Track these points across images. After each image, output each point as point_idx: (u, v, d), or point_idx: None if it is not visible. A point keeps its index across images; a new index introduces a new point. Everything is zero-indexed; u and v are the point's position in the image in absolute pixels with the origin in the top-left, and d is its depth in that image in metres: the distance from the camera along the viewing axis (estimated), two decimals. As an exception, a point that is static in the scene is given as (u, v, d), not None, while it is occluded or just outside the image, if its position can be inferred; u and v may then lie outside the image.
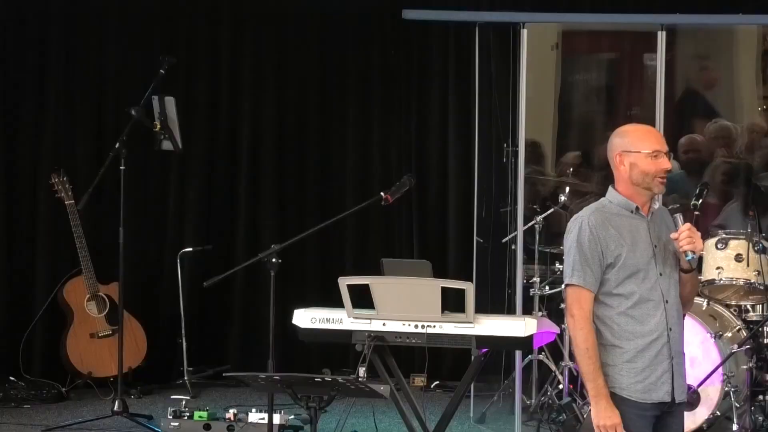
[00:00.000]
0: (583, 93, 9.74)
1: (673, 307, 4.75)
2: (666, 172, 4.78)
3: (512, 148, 8.47)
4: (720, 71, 9.46)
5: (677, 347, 4.76)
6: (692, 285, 4.85)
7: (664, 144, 4.81)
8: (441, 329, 5.91)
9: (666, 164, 4.78)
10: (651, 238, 4.74)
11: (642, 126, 4.94)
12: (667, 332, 4.71)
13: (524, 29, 7.48)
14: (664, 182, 4.78)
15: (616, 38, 9.53)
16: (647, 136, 4.81)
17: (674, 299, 4.77)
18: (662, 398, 4.70)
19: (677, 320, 4.76)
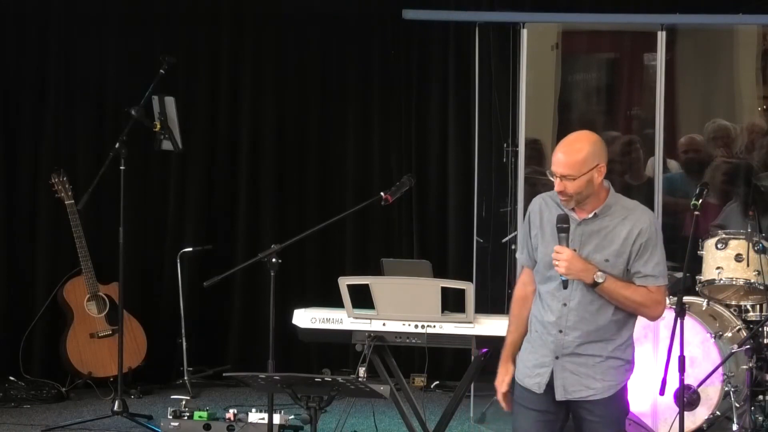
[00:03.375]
0: (583, 93, 9.74)
1: (572, 312, 4.84)
2: (559, 194, 4.84)
3: (512, 148, 8.47)
4: (720, 71, 9.46)
5: (567, 349, 4.85)
6: (615, 297, 4.82)
7: (558, 166, 4.82)
8: (441, 329, 5.92)
9: (556, 187, 4.84)
10: (573, 242, 4.83)
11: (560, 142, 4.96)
12: (556, 333, 4.84)
13: (524, 29, 7.49)
14: (563, 201, 4.86)
15: (616, 38, 9.53)
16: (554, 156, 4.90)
17: (582, 306, 4.84)
18: (531, 387, 4.92)
19: (574, 325, 4.84)
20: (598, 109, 9.72)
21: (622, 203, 4.94)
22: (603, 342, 4.87)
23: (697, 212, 6.65)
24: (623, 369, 4.94)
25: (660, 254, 4.85)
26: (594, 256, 4.82)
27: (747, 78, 9.50)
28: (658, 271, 4.83)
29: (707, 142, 9.05)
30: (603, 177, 4.85)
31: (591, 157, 4.80)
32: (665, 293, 4.93)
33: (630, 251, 4.82)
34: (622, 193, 5.02)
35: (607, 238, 4.84)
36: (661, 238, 4.89)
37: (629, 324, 4.93)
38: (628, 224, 4.84)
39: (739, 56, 9.51)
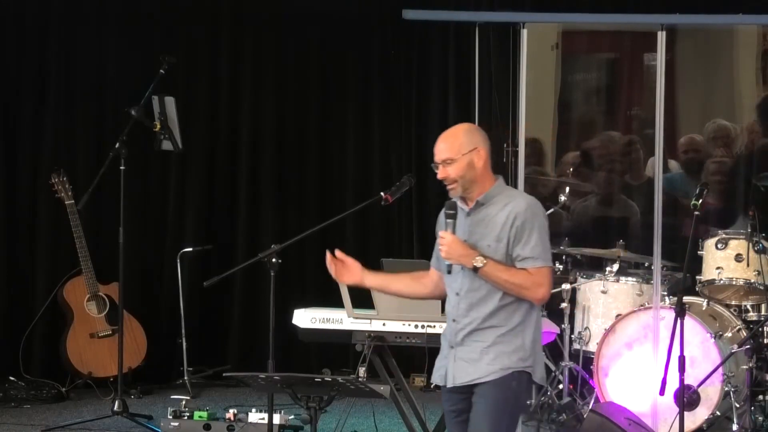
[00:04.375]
0: (583, 93, 9.74)
1: (463, 300, 4.97)
2: (443, 180, 5.04)
3: (512, 148, 8.46)
4: (720, 71, 9.46)
5: (458, 338, 4.98)
6: (496, 281, 4.92)
7: (437, 153, 5.05)
8: (441, 329, 5.91)
9: (439, 174, 5.05)
10: (462, 232, 4.99)
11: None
12: (451, 322, 5.01)
13: (524, 29, 7.48)
14: (450, 189, 5.05)
15: (616, 38, 9.53)
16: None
17: (471, 293, 4.96)
18: (436, 380, 5.04)
19: (465, 313, 4.97)
20: (598, 109, 9.72)
21: (507, 193, 5.08)
22: (493, 328, 4.95)
23: (697, 212, 6.65)
24: (515, 356, 4.95)
25: (537, 237, 4.93)
26: (479, 244, 4.96)
27: (747, 78, 9.49)
28: (536, 253, 4.91)
29: (707, 142, 9.05)
30: (485, 163, 5.02)
31: (467, 140, 5.04)
32: (547, 275, 4.96)
33: (508, 236, 4.94)
34: (622, 193, 5.04)
35: (489, 226, 4.97)
36: (541, 222, 4.97)
37: (520, 310, 4.97)
38: (506, 210, 4.97)
39: (739, 56, 9.51)
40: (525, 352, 4.96)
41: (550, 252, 5.00)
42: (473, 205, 5.03)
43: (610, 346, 7.56)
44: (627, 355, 7.51)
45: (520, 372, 4.94)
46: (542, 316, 7.62)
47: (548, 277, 4.97)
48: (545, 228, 4.99)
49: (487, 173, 5.05)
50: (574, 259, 8.52)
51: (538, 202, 5.06)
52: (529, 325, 4.98)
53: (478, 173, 5.02)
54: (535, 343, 5.01)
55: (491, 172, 5.08)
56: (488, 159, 5.07)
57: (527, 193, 7.97)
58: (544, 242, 4.96)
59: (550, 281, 4.99)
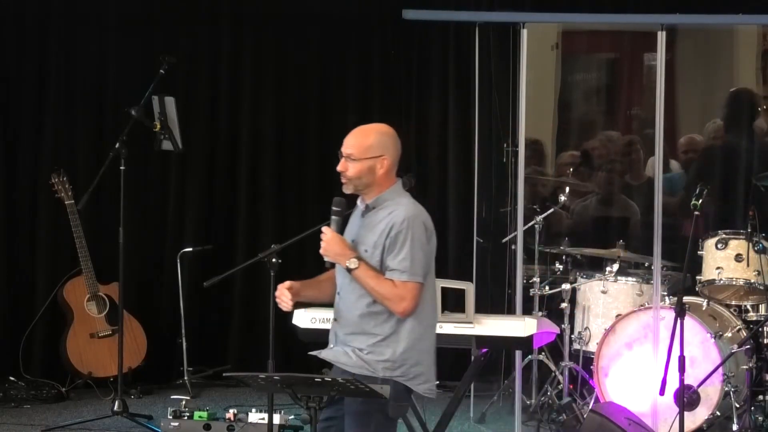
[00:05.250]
0: (583, 93, 9.74)
1: (342, 300, 5.03)
2: (340, 174, 5.04)
3: (512, 148, 8.47)
4: (720, 71, 9.47)
5: (338, 338, 5.05)
6: (364, 286, 4.92)
7: (344, 145, 5.03)
8: (441, 329, 5.91)
9: (339, 166, 5.04)
10: (352, 232, 5.03)
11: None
12: (333, 321, 5.08)
13: (524, 29, 7.48)
14: (344, 184, 5.06)
15: (616, 38, 9.53)
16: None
17: (349, 294, 4.99)
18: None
19: (344, 314, 5.03)
20: (598, 109, 9.73)
21: (397, 200, 5.02)
22: (365, 335, 4.96)
23: (697, 212, 6.66)
24: (381, 366, 4.93)
25: (408, 251, 4.89)
26: (360, 247, 4.97)
27: (747, 78, 9.50)
28: (403, 267, 4.88)
29: (707, 142, 9.05)
30: (387, 171, 4.98)
31: (378, 145, 4.97)
32: (412, 290, 4.90)
33: (384, 244, 4.92)
34: (622, 193, 5.03)
35: (372, 230, 4.98)
36: (416, 236, 4.92)
37: (391, 320, 4.93)
38: (388, 218, 4.95)
39: (739, 56, 9.52)
40: (395, 362, 4.93)
41: (422, 268, 4.92)
42: (365, 208, 5.05)
43: (610, 346, 7.56)
44: (627, 355, 7.52)
45: (386, 381, 4.90)
46: (542, 316, 7.70)
47: (413, 292, 4.89)
48: (421, 243, 4.93)
49: (388, 180, 5.01)
50: (574, 259, 8.53)
51: (420, 215, 4.99)
52: (403, 336, 4.94)
53: (377, 179, 4.99)
54: (410, 353, 4.95)
55: (393, 178, 5.04)
56: (392, 167, 5.02)
57: (527, 193, 8.03)
58: (415, 257, 4.90)
59: (414, 296, 4.90)
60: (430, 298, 5.04)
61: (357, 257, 4.91)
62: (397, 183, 5.05)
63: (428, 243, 4.99)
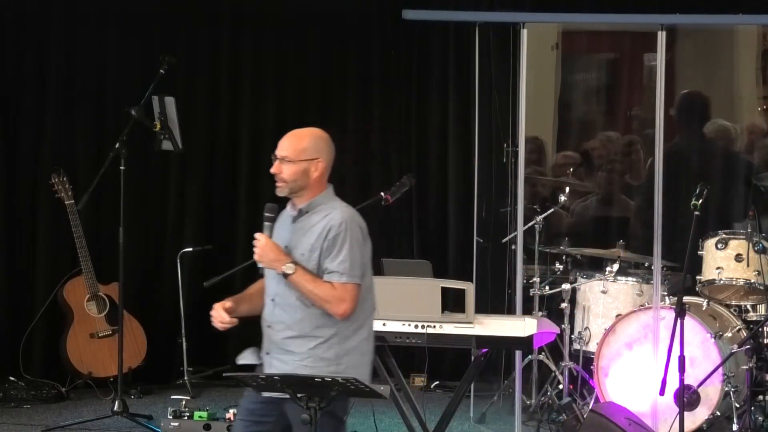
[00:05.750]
0: (583, 93, 9.74)
1: (278, 306, 4.99)
2: (275, 176, 5.11)
3: (512, 148, 8.47)
4: (720, 71, 9.47)
5: (275, 344, 5.02)
6: (302, 290, 4.91)
7: (279, 148, 5.15)
8: (441, 329, 5.92)
9: (273, 168, 5.12)
10: (284, 238, 5.03)
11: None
12: (266, 328, 5.05)
13: (524, 29, 7.48)
14: (277, 186, 5.12)
15: (616, 38, 9.53)
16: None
17: (284, 300, 4.97)
18: (265, 392, 5.00)
19: (281, 319, 4.99)
20: (598, 109, 9.73)
21: (332, 204, 5.05)
22: (304, 338, 4.94)
23: (697, 212, 6.65)
24: (325, 369, 4.93)
25: (347, 253, 4.89)
26: (295, 252, 4.97)
27: (747, 78, 9.50)
28: (342, 269, 4.88)
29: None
30: (321, 174, 5.04)
31: (312, 147, 5.10)
32: (351, 292, 4.89)
33: (321, 247, 4.92)
34: (622, 193, 5.02)
35: (307, 235, 4.98)
36: (355, 238, 4.93)
37: (332, 322, 4.93)
38: (324, 221, 4.96)
39: (739, 56, 9.52)
40: (338, 365, 4.93)
41: (360, 269, 4.92)
42: (297, 213, 5.06)
43: (610, 346, 7.56)
44: (627, 355, 7.52)
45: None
46: (542, 316, 7.70)
47: (352, 293, 4.89)
48: (359, 244, 4.94)
49: (321, 184, 5.05)
50: (574, 259, 8.53)
51: (356, 217, 5.01)
52: (344, 337, 4.95)
53: (311, 182, 5.04)
54: (352, 354, 4.96)
55: (325, 183, 5.08)
56: (326, 171, 5.07)
57: (527, 193, 8.03)
58: (353, 258, 4.90)
59: (354, 297, 4.90)
60: (368, 299, 5.04)
61: (293, 262, 4.91)
62: (329, 188, 5.09)
63: (365, 245, 4.99)
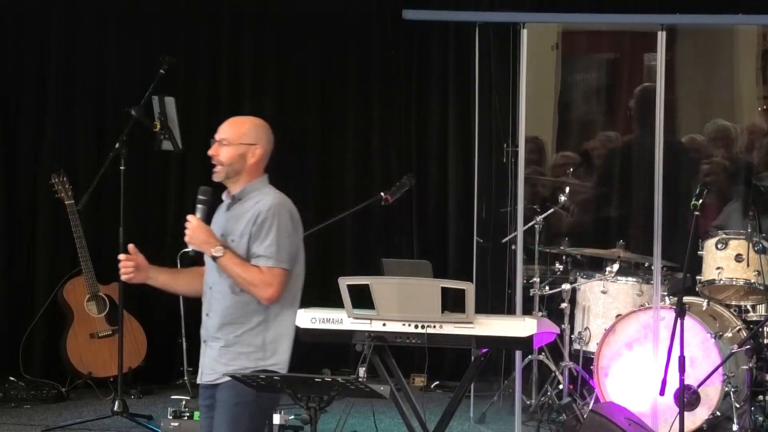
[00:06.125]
0: (583, 93, 9.74)
1: (214, 294, 5.02)
2: (212, 159, 5.15)
3: (512, 148, 8.47)
4: (720, 71, 9.47)
5: (210, 332, 5.03)
6: (230, 274, 4.94)
7: (219, 131, 5.20)
8: (441, 329, 5.91)
9: (211, 150, 5.19)
10: (220, 225, 5.06)
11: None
12: (204, 316, 5.06)
13: (524, 29, 7.48)
14: (214, 170, 5.16)
15: (616, 38, 9.53)
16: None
17: (217, 287, 5.01)
18: (199, 379, 5.06)
19: (214, 307, 5.03)
20: (598, 109, 9.72)
21: (264, 190, 5.11)
22: (234, 325, 4.98)
23: (697, 212, 6.65)
24: (254, 356, 4.97)
25: (274, 237, 4.94)
26: (228, 238, 4.99)
27: (747, 78, 9.50)
28: (269, 252, 4.92)
29: (707, 142, 9.05)
30: (257, 161, 5.10)
31: (252, 133, 5.14)
32: (278, 276, 4.95)
33: (250, 232, 4.96)
34: (622, 192, 5.01)
35: (239, 221, 5.01)
36: (283, 223, 4.99)
37: (260, 308, 4.98)
38: (255, 207, 5.00)
39: (739, 56, 9.52)
40: (265, 351, 4.97)
41: (288, 254, 4.98)
42: (231, 200, 5.09)
43: (610, 346, 7.56)
44: (627, 355, 7.52)
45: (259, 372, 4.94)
46: (542, 316, 7.70)
47: (279, 278, 4.95)
48: (287, 230, 5.00)
49: (257, 171, 5.12)
50: (574, 259, 8.53)
51: (286, 203, 5.08)
52: (272, 324, 4.99)
53: (247, 167, 5.09)
54: (279, 340, 5.01)
55: (261, 171, 5.14)
56: (263, 160, 5.13)
57: (527, 193, 8.03)
58: (281, 243, 4.95)
59: (281, 282, 4.96)
60: (296, 290, 5.10)
61: (223, 245, 4.93)
62: (264, 176, 5.15)
63: (295, 231, 5.05)
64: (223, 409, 4.95)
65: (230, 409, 4.94)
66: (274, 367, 4.98)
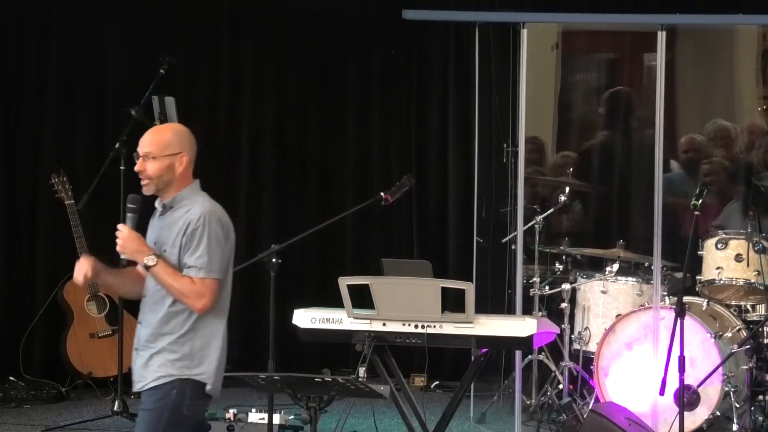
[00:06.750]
0: (583, 93, 9.74)
1: (147, 302, 5.04)
2: (140, 174, 5.07)
3: (512, 148, 8.47)
4: (720, 71, 9.47)
5: (141, 341, 5.03)
6: (163, 284, 4.93)
7: (142, 145, 5.08)
8: (441, 329, 5.91)
9: (137, 166, 5.08)
10: (153, 234, 5.03)
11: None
12: (138, 325, 5.07)
13: (524, 29, 7.48)
14: (143, 184, 5.05)
15: (616, 38, 9.53)
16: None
17: (150, 296, 5.02)
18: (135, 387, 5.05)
19: (147, 317, 5.04)
20: (598, 109, 9.72)
21: (194, 198, 5.07)
22: (164, 335, 4.97)
23: (697, 212, 6.65)
24: (179, 364, 4.94)
25: (205, 248, 4.92)
26: (161, 248, 4.97)
27: (747, 78, 9.50)
28: (200, 263, 4.89)
29: (707, 142, 9.05)
30: (185, 169, 5.03)
31: (175, 142, 5.04)
32: (210, 287, 4.92)
33: (181, 242, 4.93)
34: (622, 192, 5.00)
35: (171, 230, 4.98)
36: (213, 233, 4.96)
37: (191, 318, 4.96)
38: (185, 216, 4.97)
39: (739, 56, 9.52)
40: (192, 360, 4.94)
41: (219, 264, 4.95)
42: (162, 208, 5.05)
43: (610, 346, 7.56)
44: (627, 355, 7.52)
45: (183, 380, 4.92)
46: (542, 316, 7.70)
47: (211, 288, 4.92)
48: (218, 239, 4.97)
49: (186, 178, 5.06)
50: (574, 259, 8.53)
51: (216, 212, 5.05)
52: (200, 333, 4.96)
53: (176, 177, 5.03)
54: (207, 349, 4.97)
55: (190, 177, 5.09)
56: (190, 165, 5.08)
57: (527, 193, 8.03)
58: (212, 253, 4.92)
59: (213, 292, 4.93)
60: (225, 298, 5.07)
61: (155, 254, 4.91)
62: (194, 182, 5.11)
63: (225, 240, 5.02)
64: (143, 412, 4.96)
65: (149, 414, 4.94)
66: (199, 376, 4.94)
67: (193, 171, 5.11)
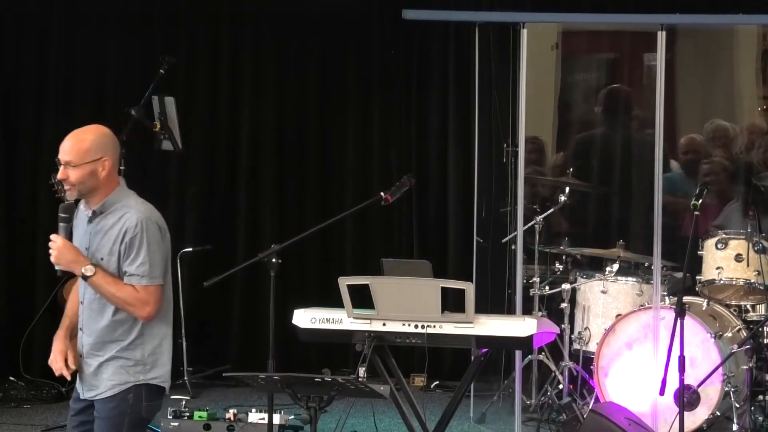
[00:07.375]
0: (583, 93, 9.74)
1: (87, 310, 4.95)
2: (63, 182, 5.02)
3: (512, 148, 8.47)
4: (720, 71, 9.47)
5: (85, 349, 4.98)
6: (103, 293, 4.89)
7: (62, 153, 5.05)
8: (441, 329, 5.91)
9: (60, 174, 5.03)
10: (83, 240, 4.96)
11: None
12: (79, 332, 4.99)
13: (524, 29, 7.48)
14: (68, 191, 5.02)
15: (616, 38, 9.53)
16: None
17: (90, 304, 4.95)
18: (82, 395, 5.02)
19: (89, 325, 4.96)
20: (598, 109, 9.71)
21: (126, 202, 5.01)
22: (111, 342, 4.95)
23: (697, 212, 6.65)
24: (133, 369, 4.97)
25: (145, 255, 4.91)
26: (96, 255, 4.92)
27: (747, 78, 9.50)
28: (141, 271, 4.89)
29: (706, 142, 9.05)
30: (109, 172, 4.96)
31: (95, 148, 4.96)
32: (154, 293, 4.94)
33: (119, 250, 4.90)
34: (622, 192, 5.00)
35: (105, 237, 4.94)
36: (152, 239, 4.96)
37: (137, 324, 4.97)
38: (120, 223, 4.92)
39: (739, 56, 9.52)
40: (145, 365, 4.99)
41: (161, 269, 4.97)
42: (91, 214, 4.99)
43: (610, 346, 7.56)
44: (627, 355, 7.52)
45: (138, 386, 4.95)
46: (542, 316, 7.70)
47: (155, 295, 4.94)
48: (158, 243, 4.98)
49: (111, 182, 4.99)
50: (574, 259, 8.53)
51: (152, 215, 5.03)
52: (148, 339, 5.00)
53: (101, 182, 4.96)
54: (158, 353, 5.05)
55: (116, 180, 5.03)
56: (114, 168, 5.01)
57: (527, 193, 8.03)
58: (153, 260, 4.93)
59: (157, 299, 4.95)
60: (168, 299, 5.10)
61: (93, 264, 4.88)
62: (121, 184, 5.05)
63: (163, 242, 5.04)
64: (101, 420, 4.95)
65: (108, 422, 4.93)
66: (155, 380, 5.00)
67: (117, 171, 5.07)
